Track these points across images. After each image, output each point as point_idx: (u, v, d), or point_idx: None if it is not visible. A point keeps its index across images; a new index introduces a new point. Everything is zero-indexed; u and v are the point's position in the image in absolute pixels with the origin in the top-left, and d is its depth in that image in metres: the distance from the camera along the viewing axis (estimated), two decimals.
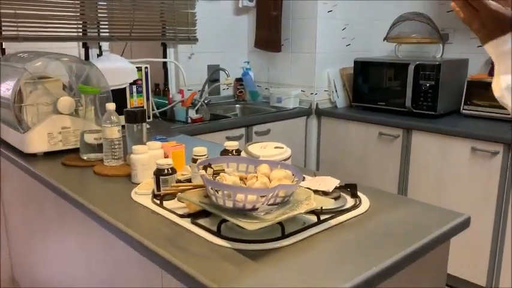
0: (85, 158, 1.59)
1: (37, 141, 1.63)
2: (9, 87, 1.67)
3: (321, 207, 1.07)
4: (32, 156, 1.63)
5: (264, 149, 1.30)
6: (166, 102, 2.66)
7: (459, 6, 0.96)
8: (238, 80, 3.16)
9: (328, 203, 1.09)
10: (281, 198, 0.98)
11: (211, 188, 0.98)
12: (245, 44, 3.24)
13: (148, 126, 2.21)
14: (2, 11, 2.11)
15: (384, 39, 2.88)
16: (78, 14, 2.33)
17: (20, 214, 2.03)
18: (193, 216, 1.07)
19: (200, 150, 1.29)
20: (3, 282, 2.31)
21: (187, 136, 2.06)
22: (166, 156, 1.40)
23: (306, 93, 2.95)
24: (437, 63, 2.52)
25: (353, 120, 2.75)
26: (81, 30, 2.37)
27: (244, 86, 3.16)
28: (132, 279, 1.18)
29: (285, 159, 1.25)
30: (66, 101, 1.66)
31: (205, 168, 1.11)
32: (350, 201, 1.18)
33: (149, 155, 1.36)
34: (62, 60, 1.79)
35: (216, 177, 1.06)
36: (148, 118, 2.31)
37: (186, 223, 1.05)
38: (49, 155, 1.65)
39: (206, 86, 2.89)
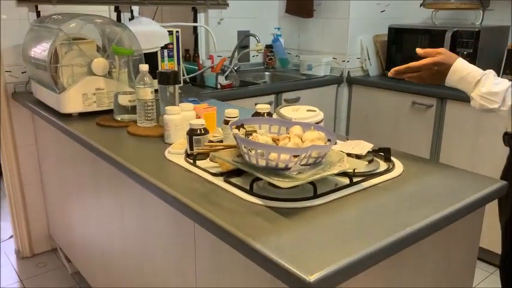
0: (119, 119, 1.62)
1: (72, 101, 1.66)
2: (45, 48, 1.70)
3: (354, 170, 1.06)
4: (67, 116, 1.68)
5: (296, 111, 1.29)
6: (196, 68, 2.66)
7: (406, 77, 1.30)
8: (268, 47, 3.12)
9: (361, 166, 1.09)
10: (314, 159, 0.98)
11: (245, 147, 0.99)
12: (276, 9, 3.18)
13: (179, 90, 2.23)
14: None
15: (420, 5, 2.77)
16: None
17: (55, 173, 2.10)
18: (226, 175, 1.08)
19: (232, 112, 1.30)
20: (40, 239, 2.42)
21: (217, 101, 2.06)
22: (198, 118, 1.41)
23: (338, 61, 2.89)
24: (476, 30, 2.41)
25: (385, 89, 2.69)
26: None
27: (274, 53, 3.13)
28: (165, 234, 1.21)
29: (318, 122, 1.24)
30: (100, 63, 1.68)
31: (237, 128, 1.11)
32: (383, 165, 1.17)
33: (182, 116, 1.37)
34: (95, 22, 1.81)
35: (248, 137, 1.07)
36: (179, 83, 2.32)
37: (219, 181, 1.06)
38: (83, 115, 1.69)
39: (236, 52, 2.87)
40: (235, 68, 2.78)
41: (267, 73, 3.07)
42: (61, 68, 1.67)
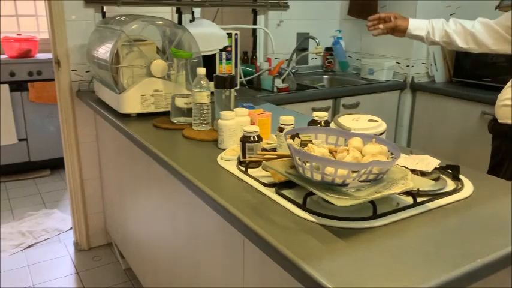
0: (175, 121, 1.62)
1: (131, 102, 1.69)
2: (107, 49, 1.74)
3: (418, 189, 0.98)
4: (125, 117, 1.70)
5: (356, 121, 1.21)
6: (254, 70, 2.64)
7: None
8: (328, 50, 3.04)
9: (426, 184, 1.00)
10: (374, 175, 0.91)
11: (299, 159, 0.93)
12: (337, 11, 3.09)
13: (235, 93, 2.21)
14: None
15: (496, 8, 2.57)
16: None
17: (113, 169, 2.16)
18: (278, 186, 1.03)
19: (287, 119, 1.25)
20: (97, 233, 2.50)
21: (272, 105, 2.02)
22: (252, 124, 1.37)
23: (401, 65, 2.75)
24: None
25: (453, 97, 2.52)
26: None
27: (334, 56, 3.04)
28: (215, 242, 1.19)
29: (380, 134, 1.16)
30: (159, 65, 1.69)
31: (292, 137, 1.06)
32: (451, 184, 1.07)
33: (236, 121, 1.34)
34: (156, 24, 1.83)
35: (303, 147, 1.01)
36: (236, 86, 2.31)
37: (270, 192, 1.02)
38: (141, 116, 1.71)
39: (294, 55, 2.81)
40: (292, 71, 2.72)
41: (325, 76, 2.99)
42: (121, 68, 1.69)
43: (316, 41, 2.65)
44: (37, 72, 3.46)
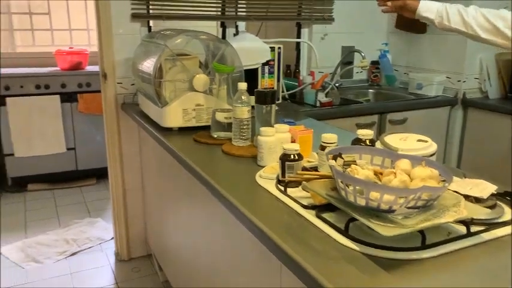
0: (215, 136, 1.61)
1: (173, 116, 1.69)
2: (152, 63, 1.76)
3: (472, 217, 0.90)
4: (167, 131, 1.71)
5: (403, 141, 1.15)
6: (296, 84, 2.60)
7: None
8: (374, 63, 2.96)
9: (481, 213, 0.91)
10: (424, 202, 0.84)
11: (341, 182, 0.88)
12: (384, 24, 3.00)
13: (277, 108, 2.18)
14: None
15: None
16: None
17: (154, 181, 2.17)
18: (319, 209, 0.98)
19: (330, 137, 1.20)
20: (137, 244, 2.52)
21: (315, 120, 1.97)
22: (293, 141, 1.33)
23: (452, 80, 2.63)
24: None
25: (507, 114, 2.37)
26: (220, 9, 2.41)
27: (380, 70, 2.95)
28: (251, 262, 1.15)
29: (430, 156, 1.08)
30: (201, 79, 1.69)
31: (335, 157, 1.01)
32: (508, 213, 0.98)
33: (276, 138, 1.31)
34: (200, 38, 1.83)
35: (346, 168, 0.96)
36: (278, 100, 2.28)
37: (310, 215, 0.97)
38: (182, 130, 1.71)
39: (338, 69, 2.75)
40: (336, 84, 2.66)
41: (371, 91, 2.90)
42: (164, 83, 1.71)
43: (362, 54, 2.58)
44: (86, 84, 3.58)
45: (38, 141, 3.46)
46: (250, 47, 2.10)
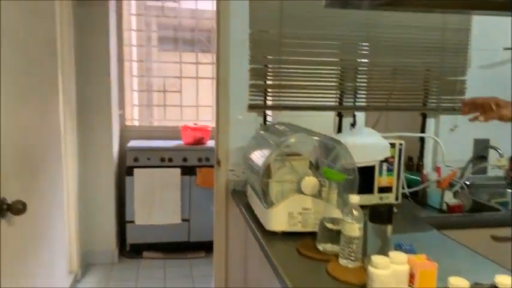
0: (320, 248, 1.46)
1: (278, 219, 1.60)
2: (261, 161, 1.72)
3: None
4: (271, 234, 1.61)
5: None
6: (419, 179, 2.35)
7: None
8: None
9: None
10: None
11: None
12: None
13: (395, 210, 1.96)
14: (268, 82, 2.26)
15: None
16: (336, 84, 2.31)
17: (256, 276, 2.06)
18: None
19: (460, 283, 0.97)
20: None
21: (439, 234, 1.70)
22: (411, 275, 1.13)
23: None
24: None
25: None
26: (337, 99, 2.34)
27: None
28: None
29: None
30: (310, 182, 1.59)
31: None
32: None
33: (391, 270, 1.12)
34: (311, 138, 1.76)
35: None
36: (397, 199, 2.06)
37: None
38: (286, 235, 1.60)
39: (470, 165, 2.44)
40: (467, 182, 2.35)
41: (509, 191, 2.50)
42: (271, 183, 1.64)
43: (499, 151, 2.25)
44: (205, 158, 3.74)
45: (157, 211, 3.65)
46: (368, 143, 1.96)
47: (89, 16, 3.39)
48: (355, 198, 1.34)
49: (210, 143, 3.85)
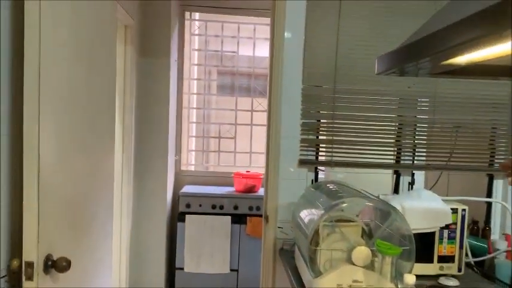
0: None
1: None
2: (309, 224, 1.63)
3: None
4: None
5: None
6: (486, 246, 2.13)
7: None
8: None
9: None
10: None
11: None
12: None
13: (457, 283, 1.79)
14: (320, 137, 2.20)
15: None
16: (393, 141, 2.20)
17: None
18: None
19: None
20: None
21: None
22: None
23: None
24: None
25: None
26: (394, 157, 2.22)
27: None
28: None
29: None
30: (361, 253, 1.48)
31: None
32: None
33: None
34: (364, 203, 1.66)
35: None
36: (459, 271, 1.88)
37: None
38: None
39: None
40: None
41: None
42: (320, 250, 1.54)
43: None
44: (256, 207, 3.68)
45: (206, 260, 3.60)
46: (427, 208, 1.82)
47: (152, 66, 3.55)
48: (411, 279, 1.22)
49: (262, 191, 3.80)
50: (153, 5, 3.52)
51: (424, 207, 1.82)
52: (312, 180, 2.19)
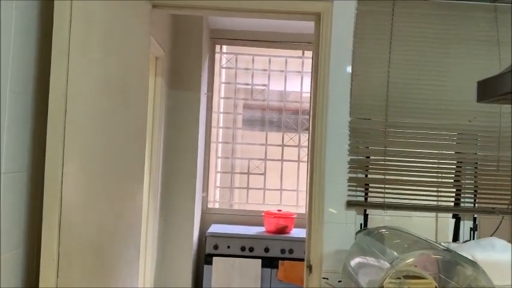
0: None
1: None
2: (369, 273, 1.40)
3: None
4: None
5: None
6: None
7: None
8: None
9: None
10: None
11: None
12: None
13: None
14: (370, 176, 1.98)
15: None
16: (453, 181, 1.96)
17: None
18: None
19: None
20: None
21: None
22: None
23: None
24: None
25: None
26: (454, 198, 1.97)
27: None
28: None
29: None
30: None
31: None
32: None
33: None
34: (428, 254, 1.41)
35: None
36: None
37: None
38: None
39: None
40: None
41: None
42: None
43: None
44: (289, 250, 3.42)
45: None
46: (500, 261, 1.56)
47: (181, 98, 3.42)
48: None
49: (294, 232, 3.54)
50: (184, 36, 3.43)
51: (497, 259, 1.56)
52: (361, 224, 1.95)
